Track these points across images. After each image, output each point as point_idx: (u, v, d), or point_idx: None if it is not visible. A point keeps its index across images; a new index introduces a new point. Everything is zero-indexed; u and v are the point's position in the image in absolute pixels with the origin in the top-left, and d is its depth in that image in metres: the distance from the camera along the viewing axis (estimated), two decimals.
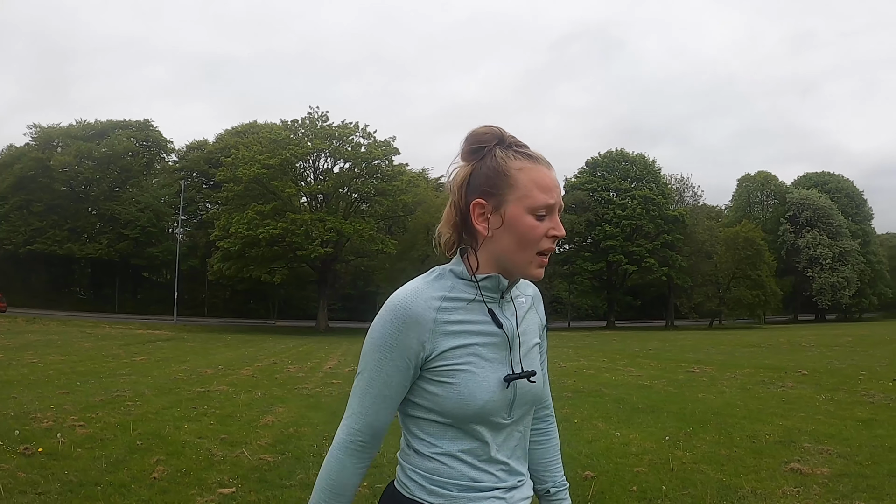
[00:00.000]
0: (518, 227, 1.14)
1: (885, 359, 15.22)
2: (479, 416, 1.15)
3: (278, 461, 5.12)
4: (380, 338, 1.13)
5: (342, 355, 19.06)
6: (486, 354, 1.16)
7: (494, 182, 1.15)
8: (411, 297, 1.14)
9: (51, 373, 11.55)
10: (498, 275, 1.17)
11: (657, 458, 5.26)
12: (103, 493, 4.01)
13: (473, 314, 1.16)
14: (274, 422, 7.03)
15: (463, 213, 1.18)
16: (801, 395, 9.17)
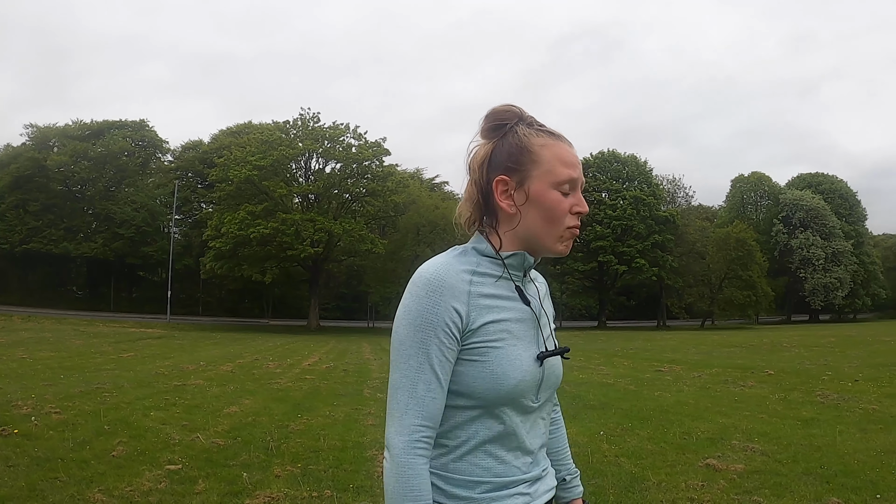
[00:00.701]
0: (543, 202, 1.13)
1: (859, 359, 15.60)
2: (511, 397, 1.11)
3: (228, 444, 5.77)
4: (419, 314, 1.07)
5: (325, 353, 19.71)
6: (516, 331, 1.14)
7: (518, 158, 1.14)
8: (443, 269, 1.10)
9: (38, 367, 12.22)
10: (524, 252, 1.16)
11: (582, 451, 5.65)
12: (65, 466, 4.67)
13: (502, 290, 1.14)
14: (236, 411, 7.69)
15: (484, 190, 1.17)
16: (755, 394, 9.56)
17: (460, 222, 1.21)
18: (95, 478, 4.41)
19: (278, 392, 9.86)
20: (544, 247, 1.16)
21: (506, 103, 1.20)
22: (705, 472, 4.88)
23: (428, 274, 1.09)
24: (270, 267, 35.08)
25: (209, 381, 11.10)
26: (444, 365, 1.07)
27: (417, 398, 1.05)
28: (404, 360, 1.06)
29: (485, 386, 1.08)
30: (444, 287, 1.07)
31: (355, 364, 15.85)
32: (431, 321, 1.05)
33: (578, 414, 8.03)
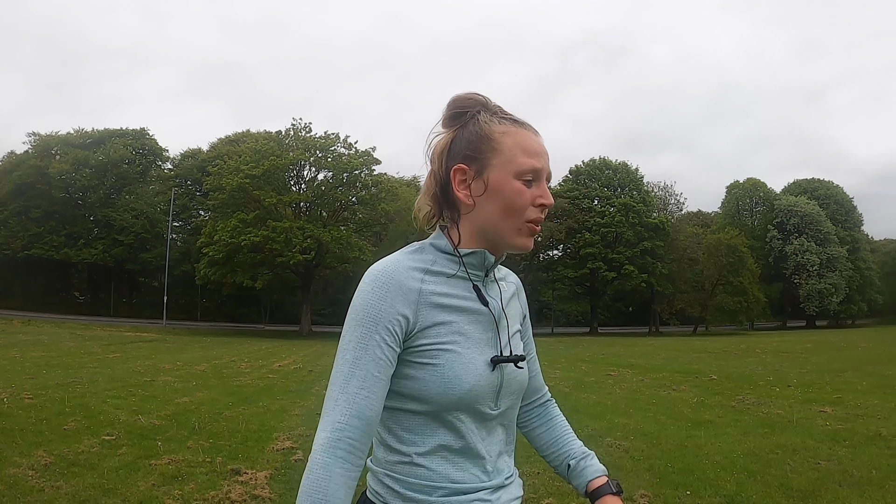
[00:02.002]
0: (503, 192, 1.08)
1: (815, 365, 16.25)
2: (465, 403, 1.07)
3: (162, 424, 7.08)
4: (362, 309, 1.04)
5: (303, 356, 20.99)
6: (471, 333, 1.09)
7: (477, 146, 1.10)
8: (392, 265, 1.07)
9: (26, 364, 13.61)
10: (484, 250, 1.12)
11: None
12: (22, 434, 6.00)
13: (457, 289, 1.10)
14: (185, 401, 9.00)
15: (443, 182, 1.13)
16: (676, 397, 10.33)
17: (418, 216, 1.17)
18: (44, 443, 5.73)
19: (234, 387, 11.16)
20: (503, 241, 1.11)
21: (470, 91, 1.17)
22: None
23: (376, 271, 1.06)
24: (262, 273, 36.54)
25: (178, 378, 12.41)
26: (380, 363, 1.02)
27: (349, 395, 1.00)
28: (342, 356, 1.04)
29: (436, 391, 1.05)
30: (391, 284, 1.04)
31: (326, 366, 17.14)
32: (374, 317, 1.02)
33: None
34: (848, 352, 22.20)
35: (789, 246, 59.25)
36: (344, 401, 1.01)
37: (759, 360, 19.24)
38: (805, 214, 59.43)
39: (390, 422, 1.10)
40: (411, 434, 1.08)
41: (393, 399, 1.08)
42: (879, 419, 7.77)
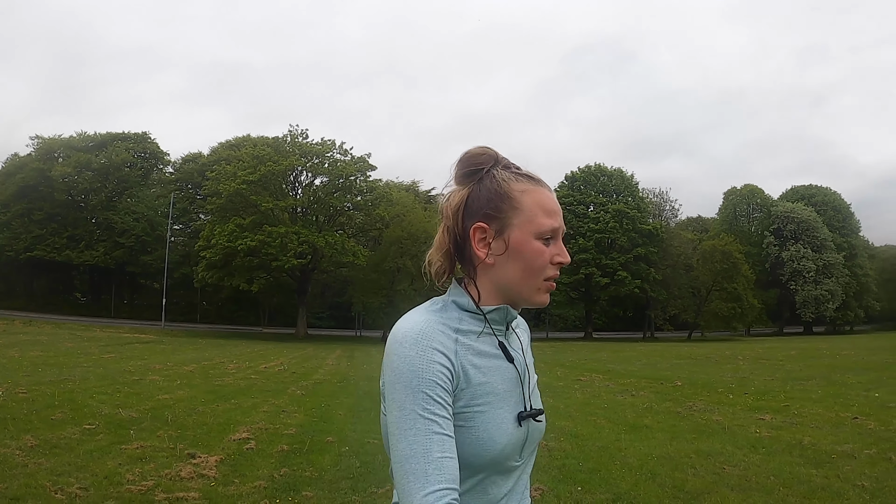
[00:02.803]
0: (524, 252, 1.10)
1: (786, 373, 16.71)
2: (496, 462, 1.09)
3: (140, 416, 7.99)
4: (413, 375, 1.02)
5: (292, 358, 21.89)
6: (500, 392, 1.10)
7: (497, 205, 1.11)
8: (427, 325, 1.06)
9: (24, 363, 14.58)
10: (507, 306, 1.14)
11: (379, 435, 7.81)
12: (14, 422, 6.93)
13: (485, 347, 1.11)
14: (166, 398, 9.91)
15: (460, 238, 1.14)
16: (629, 402, 10.94)
17: (429, 271, 1.18)
18: (32, 429, 6.65)
19: (215, 386, 12.07)
20: (523, 298, 1.13)
21: (480, 146, 1.17)
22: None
23: (414, 332, 1.05)
24: (258, 277, 37.53)
25: (164, 377, 13.34)
26: (448, 423, 1.02)
27: (435, 463, 0.98)
28: (410, 426, 1.00)
29: (470, 451, 1.05)
30: (434, 344, 1.04)
31: (309, 368, 18.05)
32: (427, 380, 1.01)
33: None
34: (827, 360, 22.51)
35: (786, 252, 59.84)
36: (434, 470, 0.98)
37: (735, 367, 19.74)
38: (802, 221, 60.02)
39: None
40: None
41: None
42: (812, 428, 8.09)
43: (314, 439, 7.04)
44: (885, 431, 7.75)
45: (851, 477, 5.58)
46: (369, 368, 18.88)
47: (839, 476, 5.64)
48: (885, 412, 9.15)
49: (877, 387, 12.48)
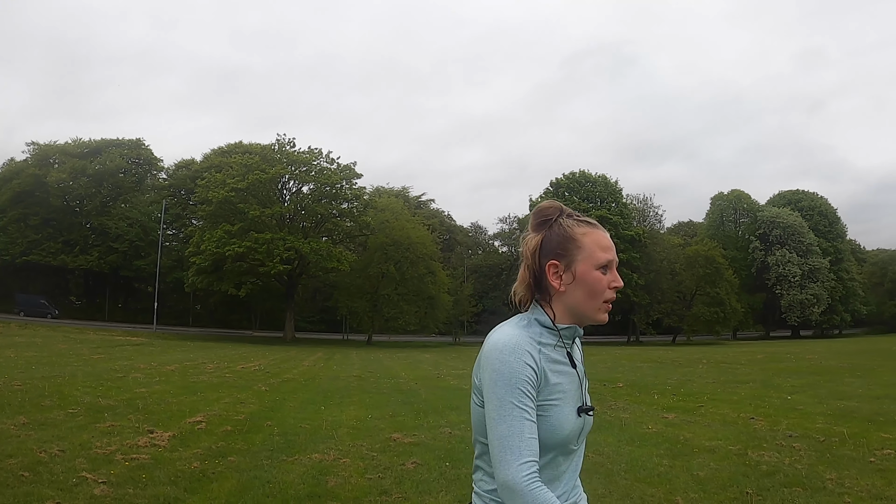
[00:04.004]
0: (587, 281, 1.49)
1: (729, 376, 17.59)
2: (562, 444, 1.48)
3: (116, 405, 9.60)
4: (511, 377, 1.40)
5: (272, 360, 23.46)
6: (567, 390, 1.49)
7: (565, 246, 1.50)
8: (520, 339, 1.44)
9: (20, 362, 16.22)
10: (575, 325, 1.53)
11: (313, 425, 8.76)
12: (9, 407, 8.57)
13: (557, 355, 1.49)
14: (143, 391, 11.52)
15: (537, 273, 1.53)
16: None
17: (515, 300, 1.57)
18: (24, 412, 8.28)
19: (189, 383, 13.68)
20: (588, 317, 1.53)
21: (549, 201, 1.61)
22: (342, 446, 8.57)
23: (511, 343, 1.42)
24: (247, 282, 39.21)
25: (146, 375, 14.94)
26: (533, 412, 1.41)
27: (527, 441, 1.38)
28: (508, 414, 1.38)
29: (545, 435, 1.43)
30: (525, 352, 1.42)
31: (284, 369, 19.65)
32: (521, 379, 1.40)
33: (364, 398, 11.88)
34: (786, 364, 23.35)
35: (771, 257, 61.38)
36: (526, 448, 1.37)
37: (692, 370, 20.73)
38: (787, 226, 61.57)
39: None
40: None
41: None
42: (701, 426, 8.78)
43: (255, 423, 8.67)
44: (766, 431, 8.32)
45: (695, 467, 6.30)
46: (338, 369, 20.53)
47: (685, 466, 6.37)
48: (783, 414, 9.74)
49: (803, 391, 13.16)
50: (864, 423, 8.80)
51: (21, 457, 5.95)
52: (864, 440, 7.51)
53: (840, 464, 6.39)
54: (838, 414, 9.68)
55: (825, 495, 5.31)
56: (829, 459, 6.61)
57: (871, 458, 6.61)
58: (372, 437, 8.00)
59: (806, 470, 6.14)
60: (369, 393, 13.39)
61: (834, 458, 6.64)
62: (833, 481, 5.68)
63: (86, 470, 5.58)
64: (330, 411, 10.20)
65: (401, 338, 49.32)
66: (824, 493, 5.35)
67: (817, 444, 7.42)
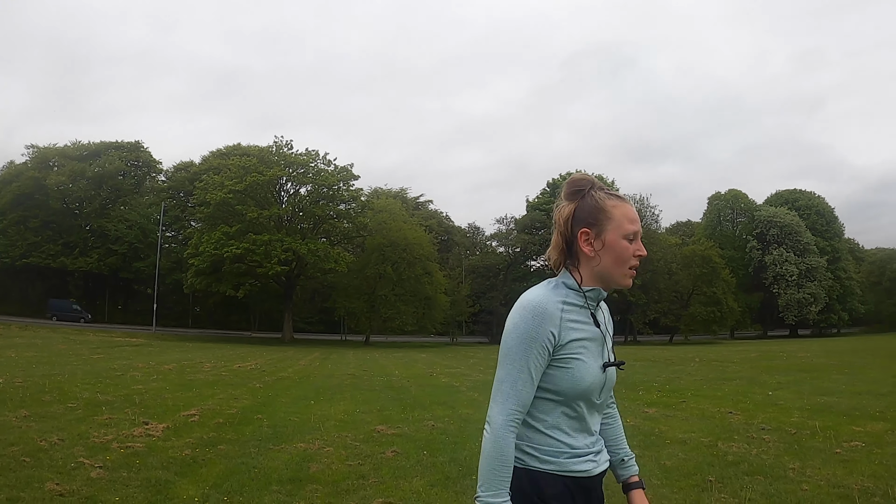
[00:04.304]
0: (615, 248, 1.66)
1: (717, 374, 17.75)
2: (584, 395, 1.65)
3: (113, 400, 10.01)
4: (525, 332, 1.57)
5: (267, 360, 23.78)
6: (590, 347, 1.66)
7: (596, 216, 1.67)
8: (543, 298, 1.62)
9: (21, 362, 16.64)
10: (599, 288, 1.70)
11: (301, 418, 9.26)
12: (11, 402, 8.97)
13: (582, 316, 1.67)
14: (140, 388, 11.93)
15: (569, 240, 1.71)
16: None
17: (550, 263, 1.76)
18: (26, 406, 8.69)
19: (186, 381, 14.09)
20: (615, 281, 1.71)
21: (581, 173, 1.82)
22: (329, 434, 8.98)
23: (535, 302, 1.61)
24: (245, 283, 39.64)
25: (144, 373, 15.36)
26: (537, 370, 1.59)
27: (517, 391, 1.56)
28: (510, 363, 1.58)
29: (567, 386, 1.62)
30: (545, 314, 1.58)
31: (279, 368, 20.06)
32: (534, 338, 1.57)
33: (356, 394, 12.30)
34: (777, 362, 23.43)
35: (768, 256, 61.71)
36: (514, 396, 1.56)
37: (683, 368, 20.93)
38: (784, 225, 61.91)
39: (531, 406, 1.62)
40: (546, 414, 1.64)
41: (537, 391, 1.61)
42: (679, 420, 9.01)
43: (247, 416, 9.08)
44: (740, 424, 8.50)
45: (663, 457, 6.55)
46: (333, 368, 20.94)
47: (653, 456, 6.61)
48: (762, 409, 9.94)
49: (786, 387, 13.24)
50: (840, 416, 9.00)
51: (23, 445, 6.35)
52: (835, 433, 7.71)
53: (806, 454, 6.60)
54: (816, 409, 9.86)
55: (785, 483, 5.50)
56: (796, 450, 6.82)
57: (837, 449, 6.82)
58: (357, 428, 8.40)
59: (771, 460, 6.33)
60: (361, 390, 13.76)
61: (801, 450, 6.85)
62: (795, 470, 5.87)
63: (83, 456, 5.98)
64: (320, 406, 10.59)
65: (399, 338, 49.74)
66: (784, 481, 5.53)
67: (788, 436, 7.62)
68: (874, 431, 7.79)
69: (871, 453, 6.56)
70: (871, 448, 6.83)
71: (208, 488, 5.23)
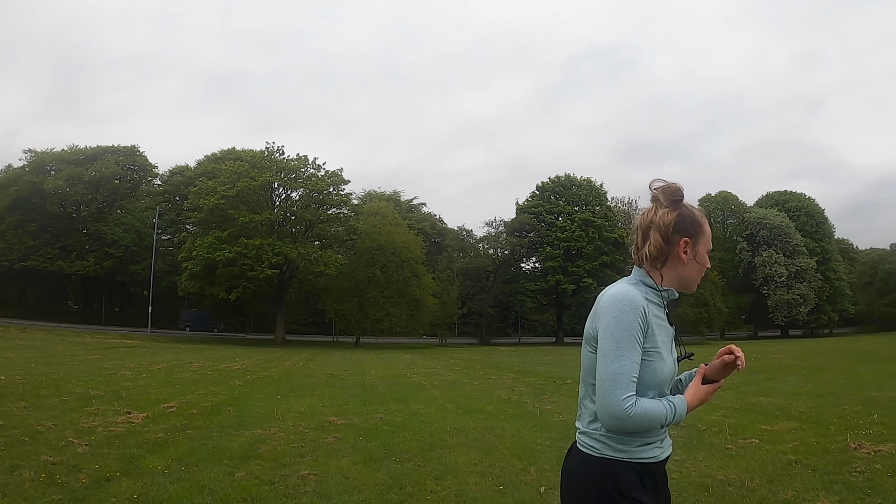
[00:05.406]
0: (702, 260, 1.94)
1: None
2: (659, 385, 1.85)
3: (102, 394, 11.39)
4: (628, 324, 1.77)
5: (255, 361, 25.08)
6: (664, 341, 1.88)
7: (696, 229, 1.92)
8: (635, 294, 1.83)
9: (20, 362, 18.01)
10: (672, 289, 1.93)
11: (267, 410, 11.12)
12: (12, 395, 10.37)
13: (659, 312, 1.89)
14: (128, 385, 13.31)
15: (668, 243, 1.90)
16: (496, 394, 13.48)
17: (640, 258, 1.96)
18: (24, 399, 10.08)
19: (172, 379, 15.45)
20: (691, 286, 1.98)
21: (675, 183, 1.98)
22: (298, 422, 10.38)
23: (630, 296, 1.82)
24: (238, 286, 41.12)
25: (135, 372, 16.71)
26: (639, 355, 1.80)
27: (633, 379, 1.77)
28: (622, 355, 1.76)
29: (648, 377, 1.82)
30: (639, 307, 1.80)
31: (264, 367, 21.43)
32: (636, 328, 1.78)
33: (326, 391, 13.67)
34: (752, 363, 23.25)
35: (758, 257, 62.99)
36: (632, 384, 1.77)
37: None
38: (774, 227, 63.17)
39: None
40: None
41: None
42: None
43: (218, 408, 10.47)
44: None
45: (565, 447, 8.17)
46: (315, 368, 22.31)
47: (563, 446, 6.67)
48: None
49: (733, 388, 13.26)
50: (757, 416, 9.55)
51: (22, 429, 7.74)
52: (740, 430, 8.28)
53: (697, 449, 7.18)
54: (743, 408, 10.44)
55: None
56: (693, 445, 7.37)
57: (729, 445, 7.39)
58: (312, 419, 9.77)
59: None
60: (333, 388, 15.09)
61: (697, 445, 7.41)
62: (676, 462, 6.31)
63: (72, 437, 7.37)
64: (287, 401, 11.96)
65: (389, 339, 51.11)
66: None
67: (696, 432, 8.15)
68: (778, 430, 8.33)
69: (759, 450, 7.17)
70: (761, 445, 7.41)
71: (171, 461, 6.58)
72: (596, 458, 1.86)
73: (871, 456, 6.63)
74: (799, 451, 6.99)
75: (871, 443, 7.21)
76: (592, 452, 1.87)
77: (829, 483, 5.69)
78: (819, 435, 7.93)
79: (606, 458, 1.84)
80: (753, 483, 5.76)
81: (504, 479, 6.12)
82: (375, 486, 5.86)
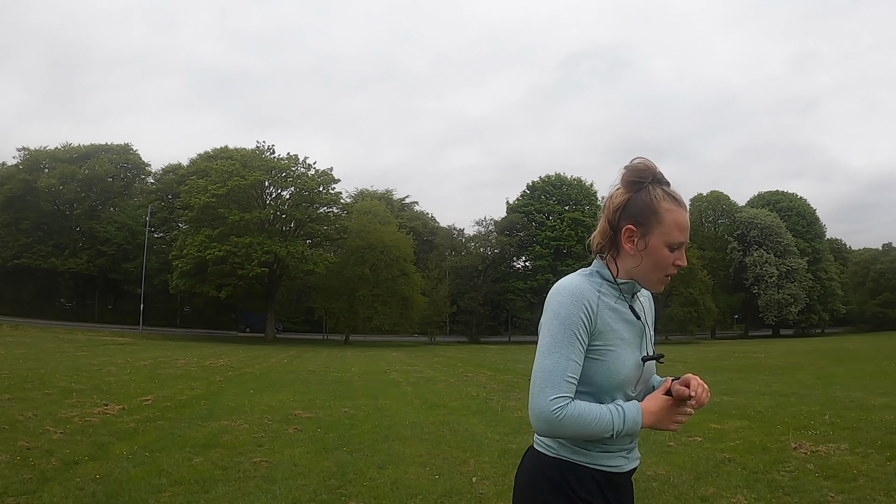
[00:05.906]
0: (655, 255, 1.66)
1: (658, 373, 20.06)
2: (618, 387, 1.66)
3: (85, 388, 12.10)
4: (567, 317, 1.59)
5: (241, 358, 25.72)
6: (627, 339, 1.67)
7: (647, 217, 1.65)
8: (581, 285, 1.65)
9: (9, 358, 18.69)
10: (634, 281, 1.70)
11: (238, 404, 11.86)
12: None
13: (620, 306, 1.68)
14: (112, 380, 14.02)
15: (614, 230, 1.71)
16: (465, 391, 14.23)
17: (592, 247, 1.79)
18: (9, 392, 10.78)
19: (155, 374, 16.15)
20: (645, 284, 1.72)
21: (644, 160, 1.72)
22: (290, 417, 11.10)
23: (572, 287, 1.63)
24: (228, 284, 41.83)
25: (120, 368, 17.41)
26: (581, 355, 1.60)
27: (567, 378, 1.57)
28: (557, 351, 1.58)
29: (601, 378, 1.63)
30: (582, 300, 1.60)
31: (249, 364, 22.13)
32: (575, 322, 1.58)
33: (301, 387, 14.37)
34: (728, 362, 24.60)
35: (749, 257, 63.68)
36: (565, 383, 1.57)
37: None
38: (765, 227, 63.84)
39: None
40: None
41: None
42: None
43: (193, 402, 11.18)
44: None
45: (516, 441, 7.62)
46: (298, 365, 23.03)
47: (511, 441, 7.72)
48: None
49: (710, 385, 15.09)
50: (712, 415, 9.52)
51: (4, 418, 8.44)
52: (687, 428, 8.02)
53: (638, 445, 8.20)
54: (705, 407, 11.38)
55: None
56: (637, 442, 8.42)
57: (671, 442, 7.51)
58: (279, 412, 10.45)
59: None
60: (309, 384, 15.77)
61: (640, 442, 8.19)
62: None
63: (49, 426, 8.07)
64: (260, 396, 12.66)
65: (380, 338, 51.80)
66: None
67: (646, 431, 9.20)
68: (725, 429, 8.47)
69: (699, 448, 7.30)
70: (703, 443, 7.54)
71: (137, 448, 7.26)
72: (551, 458, 1.71)
73: (807, 456, 6.71)
74: (737, 450, 7.11)
75: (812, 443, 7.29)
76: (548, 452, 1.72)
77: (754, 482, 5.77)
78: (764, 434, 8.03)
79: (562, 460, 1.69)
80: (679, 479, 5.87)
81: (443, 469, 6.51)
82: (320, 472, 6.38)
